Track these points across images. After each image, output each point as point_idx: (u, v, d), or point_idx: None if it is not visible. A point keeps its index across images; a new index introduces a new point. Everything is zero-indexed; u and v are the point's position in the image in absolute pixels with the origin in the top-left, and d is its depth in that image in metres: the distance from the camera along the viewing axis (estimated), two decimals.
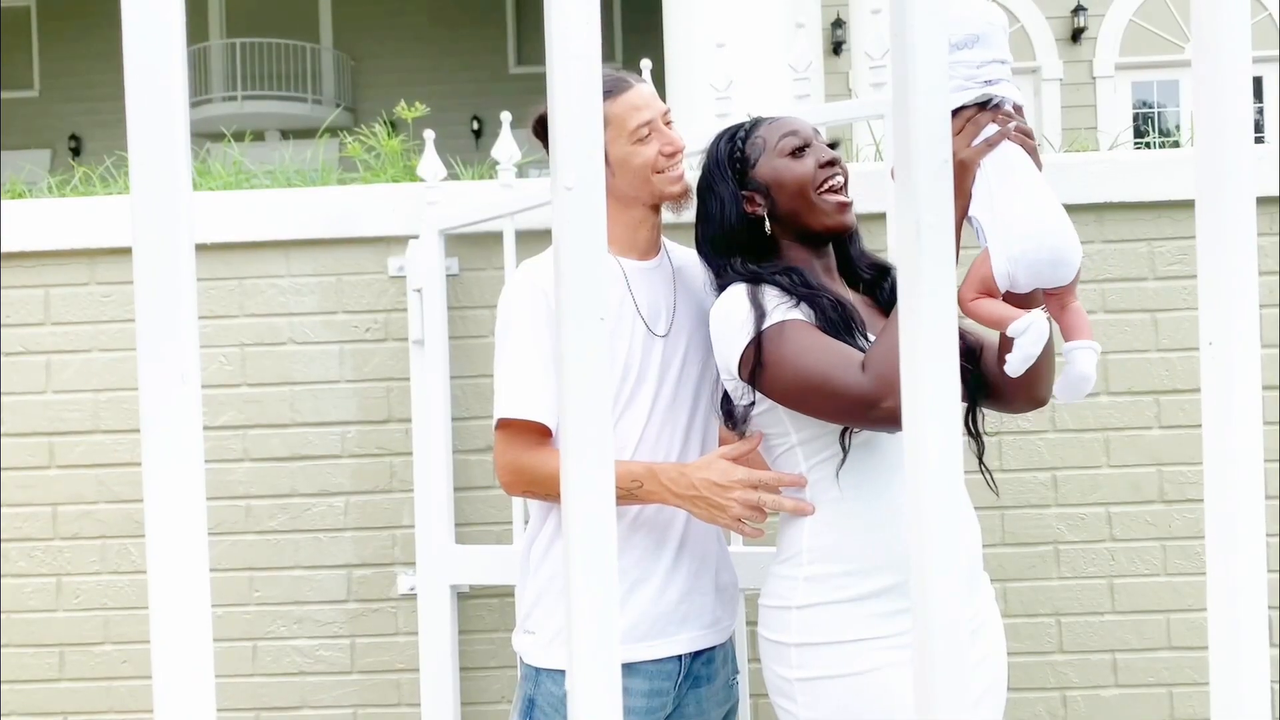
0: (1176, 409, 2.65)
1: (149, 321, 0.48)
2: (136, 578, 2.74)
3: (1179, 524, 2.65)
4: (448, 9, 12.81)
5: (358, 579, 2.73)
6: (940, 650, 0.56)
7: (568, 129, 0.54)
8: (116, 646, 2.74)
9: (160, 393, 0.49)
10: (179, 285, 0.49)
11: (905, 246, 0.58)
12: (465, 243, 2.70)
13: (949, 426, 0.57)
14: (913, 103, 0.57)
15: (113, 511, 2.74)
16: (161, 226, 0.48)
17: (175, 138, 0.49)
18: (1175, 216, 2.65)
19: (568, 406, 0.54)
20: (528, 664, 1.83)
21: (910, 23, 0.57)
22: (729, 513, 1.65)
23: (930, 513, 0.57)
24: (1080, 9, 10.17)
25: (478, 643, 2.70)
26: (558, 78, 0.54)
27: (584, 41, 0.54)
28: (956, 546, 0.56)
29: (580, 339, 0.53)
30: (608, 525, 0.55)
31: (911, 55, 0.57)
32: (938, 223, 0.58)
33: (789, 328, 1.62)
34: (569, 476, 0.54)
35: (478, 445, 2.71)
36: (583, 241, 0.53)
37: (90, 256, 2.76)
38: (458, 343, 2.70)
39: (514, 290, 1.79)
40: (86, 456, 2.75)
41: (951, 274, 0.58)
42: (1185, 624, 2.64)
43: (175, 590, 0.51)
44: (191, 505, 0.50)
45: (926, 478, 0.57)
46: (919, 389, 0.57)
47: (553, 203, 0.55)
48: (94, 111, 12.50)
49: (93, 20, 12.55)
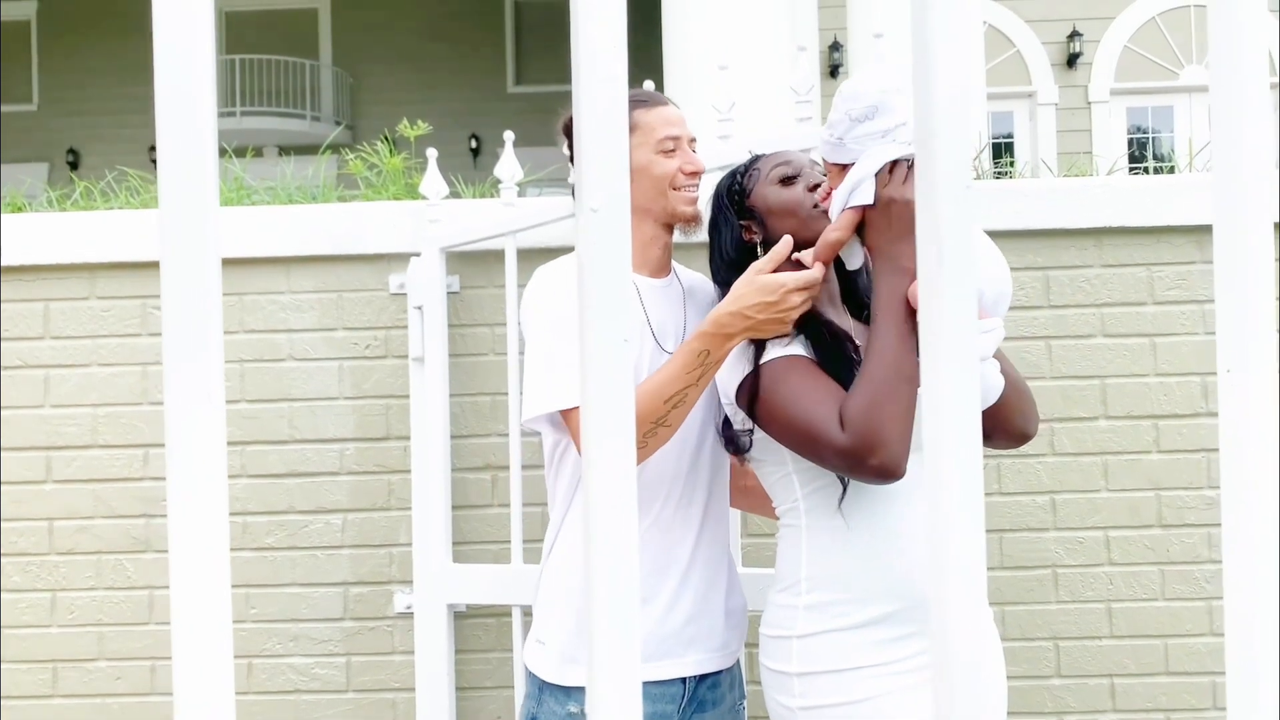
0: (1175, 433, 2.65)
1: (175, 339, 0.48)
2: (132, 594, 2.73)
3: (1177, 549, 2.65)
4: (447, 28, 12.87)
5: (354, 597, 2.72)
6: (960, 684, 0.56)
7: (594, 150, 0.54)
8: (111, 663, 2.73)
9: (186, 410, 0.48)
10: (206, 304, 0.49)
11: (927, 273, 0.58)
12: (466, 260, 2.70)
13: (971, 455, 0.57)
14: (935, 127, 0.58)
15: (109, 527, 2.73)
16: (190, 244, 0.48)
17: (204, 155, 0.49)
18: (1174, 242, 2.66)
19: (590, 427, 0.54)
20: (533, 674, 1.82)
21: (931, 48, 0.57)
22: (791, 319, 1.62)
23: (952, 553, 0.56)
24: (1076, 34, 10.24)
25: (474, 662, 2.69)
26: (584, 100, 0.55)
27: (611, 64, 0.54)
28: (981, 589, 0.56)
29: (604, 360, 0.53)
30: (630, 544, 0.55)
31: (933, 79, 0.57)
32: (960, 250, 0.58)
33: (784, 366, 1.63)
34: (592, 495, 0.54)
35: (476, 464, 2.70)
36: (607, 262, 0.53)
37: (90, 271, 2.76)
38: (457, 360, 2.70)
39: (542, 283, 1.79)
40: (83, 471, 2.74)
41: (974, 302, 0.58)
42: (1183, 649, 2.64)
43: (198, 607, 0.50)
44: (214, 523, 0.50)
45: (949, 511, 0.57)
46: (941, 418, 0.57)
47: (577, 223, 0.55)
48: (92, 126, 12.51)
49: (91, 35, 12.58)
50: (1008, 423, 1.69)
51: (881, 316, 1.56)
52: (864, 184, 1.59)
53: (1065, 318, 2.66)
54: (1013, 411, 1.67)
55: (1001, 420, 1.68)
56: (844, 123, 1.62)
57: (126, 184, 3.13)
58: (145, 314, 2.75)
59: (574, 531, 1.80)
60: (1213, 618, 2.64)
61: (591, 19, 0.54)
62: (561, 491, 1.83)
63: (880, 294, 1.58)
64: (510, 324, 2.54)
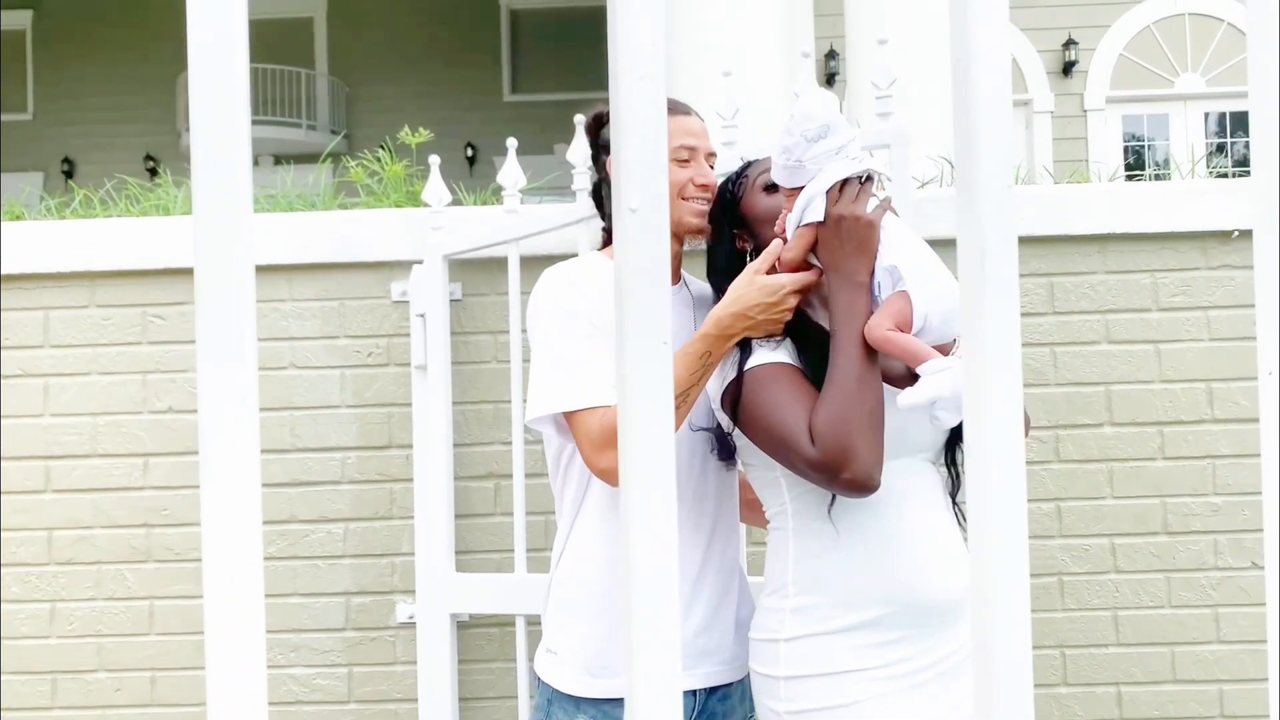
0: (1180, 440, 2.64)
1: (210, 345, 0.47)
2: (132, 604, 2.71)
3: (1183, 556, 2.64)
4: (443, 37, 12.87)
5: (356, 607, 2.70)
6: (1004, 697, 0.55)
7: (633, 151, 0.53)
8: (110, 674, 2.70)
9: (220, 416, 0.47)
10: (240, 310, 0.48)
11: (969, 274, 0.57)
12: (469, 268, 2.69)
13: (1013, 455, 0.56)
14: (976, 125, 0.56)
15: (109, 537, 2.71)
16: (224, 251, 0.47)
17: (238, 158, 0.48)
18: (1178, 248, 2.66)
19: (629, 433, 0.53)
20: (544, 683, 1.80)
21: (972, 49, 0.56)
22: (788, 316, 1.65)
23: (995, 565, 0.55)
24: (1071, 43, 10.26)
25: (477, 673, 2.67)
26: (623, 99, 0.53)
27: (649, 62, 0.53)
28: (1025, 591, 0.55)
29: (643, 364, 0.52)
30: (669, 552, 0.54)
31: (973, 81, 0.56)
32: (1003, 249, 0.57)
33: (766, 375, 1.63)
34: (629, 503, 0.53)
35: (479, 472, 2.69)
36: (647, 264, 0.52)
37: (90, 279, 2.74)
38: (460, 368, 2.68)
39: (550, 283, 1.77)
40: (83, 481, 2.72)
41: (1016, 302, 0.57)
42: (1191, 657, 2.63)
43: (233, 616, 0.49)
44: (248, 528, 0.48)
45: (990, 515, 0.56)
46: (983, 418, 0.56)
47: (615, 225, 0.54)
48: (87, 135, 12.49)
49: (86, 44, 12.57)
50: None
51: (841, 331, 1.59)
52: (815, 201, 1.62)
53: (1070, 324, 2.66)
54: None
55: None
56: (800, 144, 1.65)
57: (126, 192, 3.11)
58: (146, 322, 2.74)
59: (583, 539, 1.78)
60: (1219, 625, 2.63)
61: (630, 17, 0.53)
62: (569, 498, 1.82)
63: (838, 309, 1.60)
64: (514, 331, 2.53)
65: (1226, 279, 2.65)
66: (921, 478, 1.67)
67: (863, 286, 1.59)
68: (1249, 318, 2.64)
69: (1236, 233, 2.64)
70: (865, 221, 1.60)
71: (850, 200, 1.61)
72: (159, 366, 2.73)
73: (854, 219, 1.59)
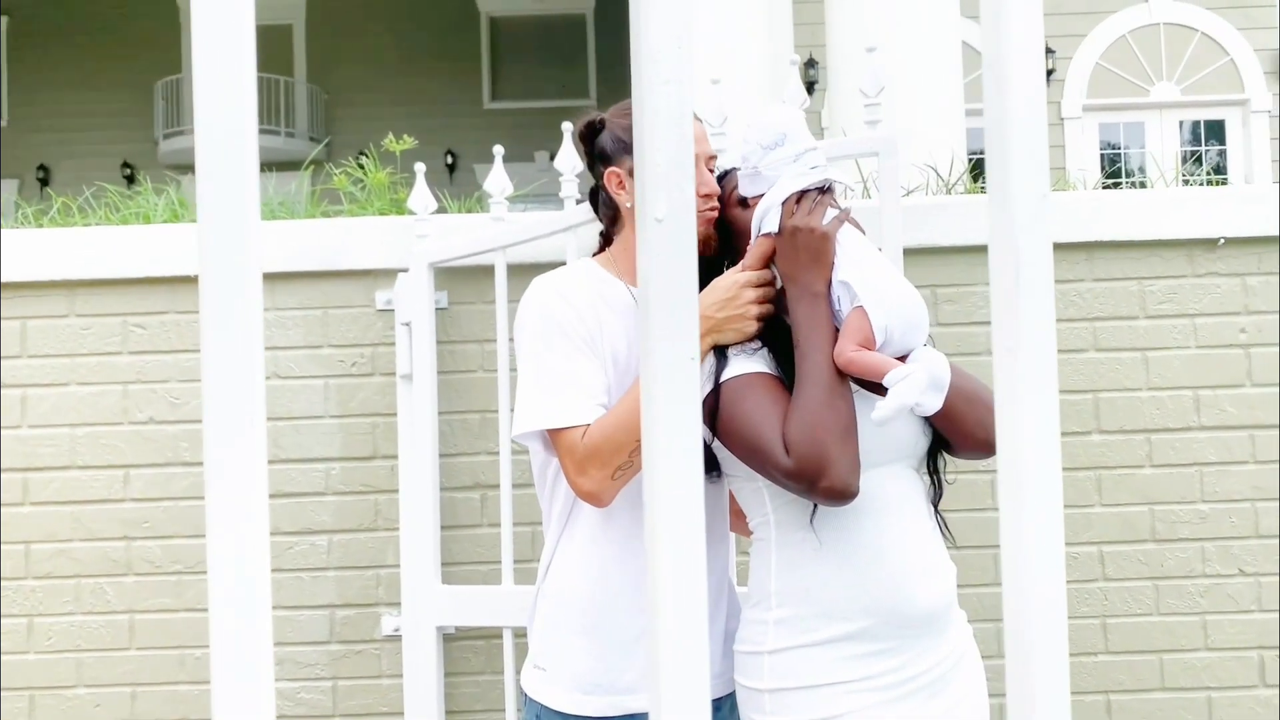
0: (1168, 448, 2.65)
1: (216, 369, 0.45)
2: (111, 619, 2.66)
3: (1171, 563, 2.64)
4: (422, 45, 12.83)
5: (340, 620, 2.67)
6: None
7: (658, 157, 0.51)
8: (89, 690, 2.66)
9: (227, 440, 0.45)
10: (248, 328, 0.45)
11: (1002, 285, 0.55)
12: (455, 276, 2.66)
13: (1050, 467, 0.54)
14: (1008, 134, 0.55)
15: (88, 550, 2.67)
16: (230, 263, 0.45)
17: (245, 169, 0.46)
18: (1165, 255, 2.66)
19: (653, 452, 0.51)
20: (533, 699, 1.77)
21: (1005, 54, 0.55)
22: (751, 314, 1.65)
23: (1032, 583, 0.54)
24: (1049, 51, 10.33)
25: (464, 685, 2.64)
26: (646, 103, 0.52)
27: (674, 65, 0.51)
28: (1062, 612, 0.53)
29: (669, 381, 0.50)
30: (698, 565, 0.52)
31: (1006, 86, 0.54)
32: (1038, 260, 0.55)
33: (742, 385, 1.63)
34: (654, 521, 0.51)
35: (466, 482, 2.66)
36: (673, 277, 0.50)
37: (69, 288, 2.70)
38: (446, 377, 2.66)
39: (539, 294, 1.74)
40: (61, 493, 2.67)
41: (1051, 313, 0.56)
42: (1180, 664, 2.62)
43: (240, 648, 0.47)
44: (256, 555, 0.46)
45: (1027, 527, 0.54)
46: (1019, 435, 0.54)
47: (639, 236, 0.52)
48: (64, 142, 12.38)
49: (62, 50, 12.47)
50: (968, 434, 1.68)
51: (805, 341, 1.59)
52: (770, 213, 1.64)
53: (1057, 332, 2.65)
54: (969, 423, 1.65)
55: (961, 432, 1.67)
56: (756, 152, 1.67)
57: (106, 199, 3.07)
58: (126, 332, 2.70)
59: (572, 554, 1.76)
60: (1207, 632, 2.63)
61: (653, 16, 0.51)
62: (557, 512, 1.79)
63: (800, 320, 1.61)
64: (500, 340, 2.51)
65: (1213, 286, 2.66)
66: (903, 486, 1.66)
67: (820, 297, 1.61)
68: (1235, 325, 2.65)
69: (1223, 240, 2.65)
70: (819, 234, 1.61)
71: (805, 213, 1.63)
72: (139, 377, 2.69)
73: (808, 231, 1.61)
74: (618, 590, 1.71)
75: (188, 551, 2.67)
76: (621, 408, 1.64)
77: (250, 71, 0.47)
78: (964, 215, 2.66)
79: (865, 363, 1.55)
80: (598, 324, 1.70)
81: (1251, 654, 2.63)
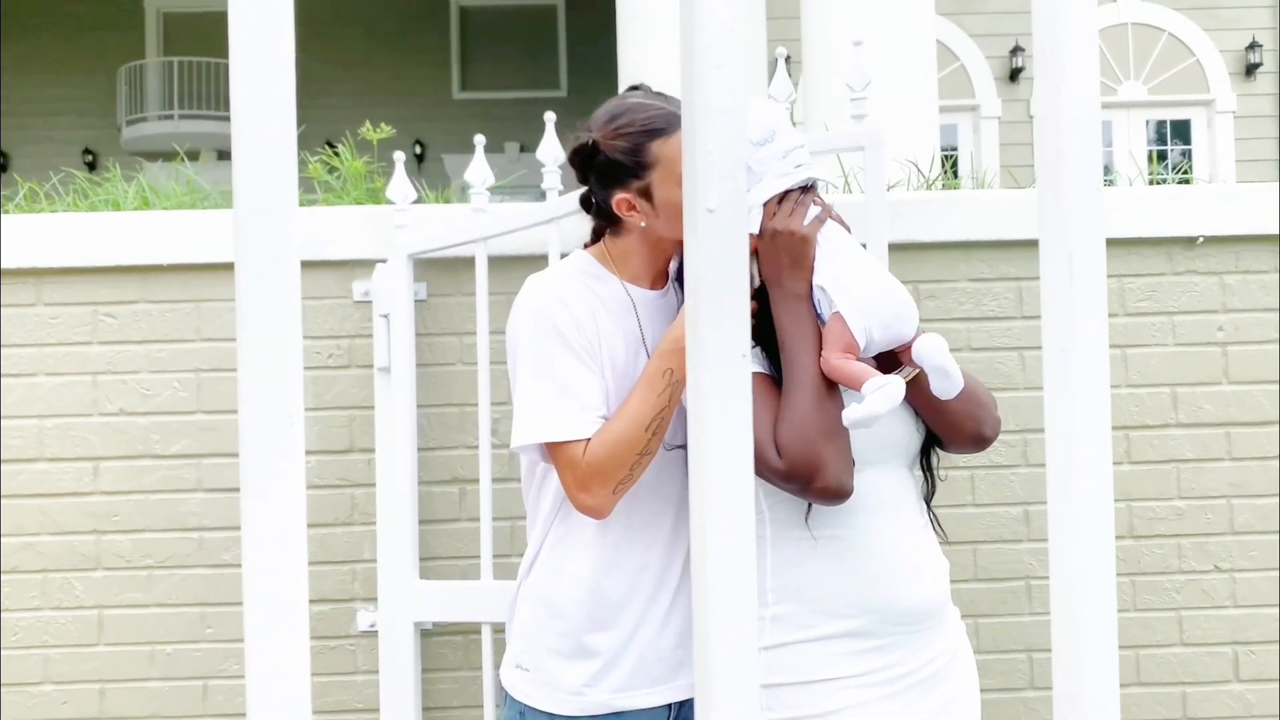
0: (1146, 445, 2.66)
1: (253, 363, 0.42)
2: (80, 614, 2.61)
3: (1148, 559, 2.65)
4: (390, 33, 12.71)
5: (315, 615, 2.63)
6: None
7: (710, 145, 0.49)
8: (56, 687, 2.60)
9: (263, 437, 0.43)
10: (285, 323, 0.43)
11: (1054, 278, 0.54)
12: (434, 268, 2.63)
13: (1103, 467, 0.53)
14: (1063, 129, 0.53)
15: (56, 544, 2.61)
16: (269, 247, 0.42)
17: (284, 154, 0.43)
18: (1144, 254, 2.67)
19: (705, 448, 0.49)
20: (515, 699, 1.75)
21: (1062, 51, 0.53)
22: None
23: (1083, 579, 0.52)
24: (1018, 49, 10.39)
25: (441, 682, 2.61)
26: (698, 90, 0.49)
27: (726, 49, 0.49)
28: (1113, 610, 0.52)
29: (721, 377, 0.48)
30: (748, 564, 0.50)
31: (1062, 83, 0.53)
32: (1091, 253, 0.54)
33: None
34: (705, 520, 0.49)
35: (443, 477, 2.63)
36: (725, 269, 0.48)
37: (37, 276, 2.64)
38: (424, 370, 2.62)
39: (535, 296, 1.69)
40: (29, 486, 2.61)
41: (1104, 306, 0.54)
42: (1154, 660, 2.64)
43: (275, 647, 0.44)
44: (293, 550, 0.44)
45: (1078, 524, 0.52)
46: (1072, 433, 0.52)
47: (689, 226, 0.50)
48: (22, 128, 12.15)
49: (21, 35, 12.23)
50: (960, 429, 1.68)
51: (792, 344, 1.59)
52: (752, 213, 1.63)
53: (1038, 329, 2.65)
54: (961, 418, 1.66)
55: (954, 427, 1.67)
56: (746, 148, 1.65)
57: (74, 186, 3.00)
58: (96, 321, 2.64)
59: (559, 555, 1.73)
60: (1183, 628, 2.65)
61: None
62: (544, 512, 1.76)
63: (783, 322, 1.61)
64: (480, 334, 2.48)
65: (1191, 284, 2.67)
66: (897, 483, 1.66)
67: (803, 299, 1.61)
68: (1214, 323, 2.67)
69: (1201, 239, 2.66)
70: (800, 237, 1.60)
71: (786, 215, 1.62)
72: (110, 367, 2.63)
73: (788, 234, 1.60)
74: (609, 596, 1.69)
75: (158, 546, 2.62)
76: (621, 421, 1.61)
77: (289, 60, 0.45)
78: (945, 211, 2.66)
79: (846, 371, 1.55)
80: (595, 330, 1.67)
81: (1226, 649, 2.65)
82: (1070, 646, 0.52)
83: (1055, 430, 0.53)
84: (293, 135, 0.43)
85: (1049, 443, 0.54)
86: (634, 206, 1.68)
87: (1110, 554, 0.52)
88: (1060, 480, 0.52)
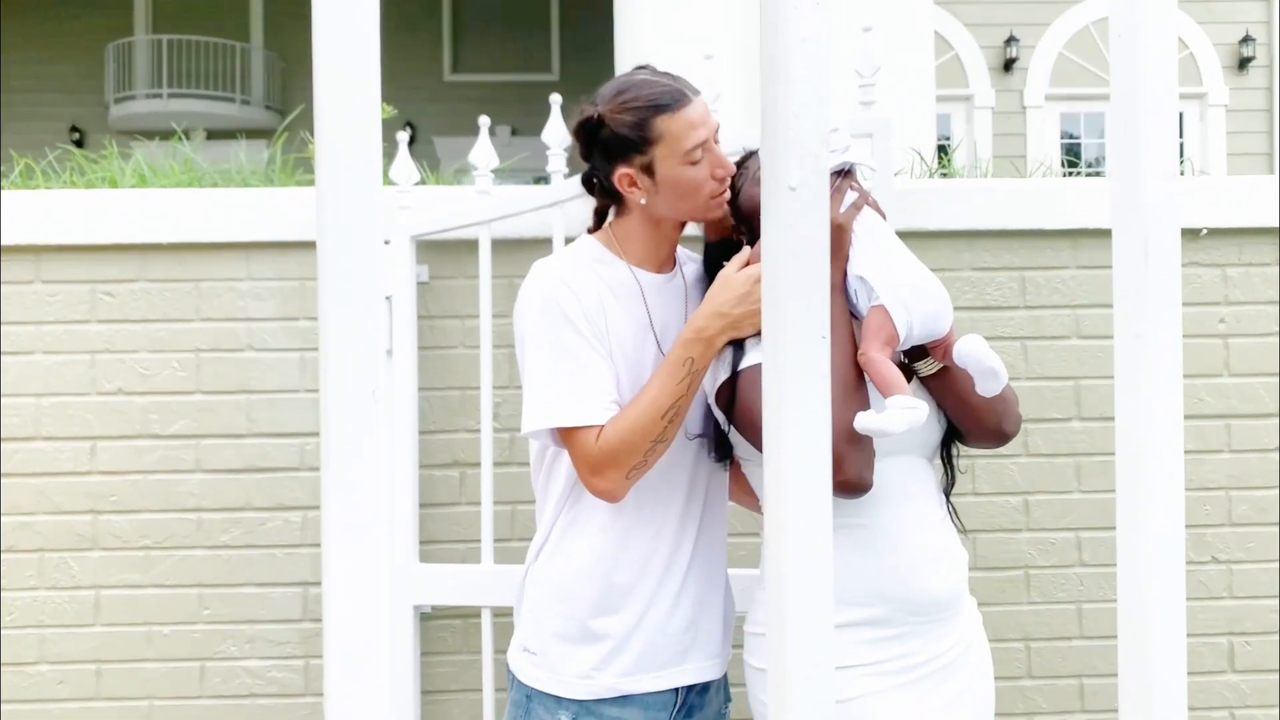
0: None
1: (336, 339, 0.41)
2: (76, 594, 2.59)
3: None
4: (383, 14, 12.59)
5: (314, 597, 2.62)
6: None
7: (793, 122, 0.48)
8: (53, 667, 2.59)
9: (346, 414, 0.41)
10: (368, 299, 0.42)
11: (1129, 266, 0.53)
12: (436, 250, 2.61)
13: (1176, 455, 0.52)
14: (1141, 109, 0.52)
15: (52, 523, 2.59)
16: (353, 232, 0.41)
17: (369, 135, 0.42)
18: None
19: (784, 430, 0.49)
20: (522, 682, 1.75)
21: (1142, 35, 0.52)
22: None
23: (1153, 564, 0.51)
24: (1012, 39, 10.38)
25: (440, 665, 2.60)
26: (779, 63, 0.48)
27: (813, 22, 0.48)
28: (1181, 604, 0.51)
29: (802, 358, 0.47)
30: (824, 545, 0.49)
31: (1140, 66, 0.52)
32: (1167, 241, 0.53)
33: (758, 375, 1.60)
34: (781, 504, 0.48)
35: (445, 460, 2.61)
36: (807, 248, 0.47)
37: (35, 253, 2.61)
38: (426, 353, 2.61)
39: (544, 281, 1.68)
40: (25, 465, 2.59)
41: (1178, 295, 0.53)
42: None
43: (352, 620, 0.43)
44: (370, 525, 0.43)
45: (1153, 511, 0.52)
46: (1147, 421, 0.52)
47: (767, 203, 0.49)
48: (9, 104, 12.02)
49: (6, 11, 12.10)
50: (981, 424, 1.68)
51: None
52: None
53: (1040, 318, 2.66)
54: (982, 412, 1.66)
55: (975, 421, 1.67)
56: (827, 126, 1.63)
57: (71, 163, 2.97)
58: (95, 299, 2.61)
59: (571, 539, 1.72)
60: None
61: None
62: (555, 496, 1.75)
63: None
64: (483, 316, 2.46)
65: (1194, 276, 2.67)
66: (916, 474, 1.66)
67: (836, 289, 1.57)
68: (1215, 315, 2.67)
69: (1205, 231, 2.66)
70: (835, 225, 1.58)
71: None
72: (108, 346, 2.61)
73: None
74: (617, 581, 1.69)
75: (156, 526, 2.60)
76: (638, 408, 1.61)
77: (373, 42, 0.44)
78: (949, 199, 2.65)
79: (881, 371, 1.52)
80: (604, 316, 1.66)
81: (1222, 640, 2.67)
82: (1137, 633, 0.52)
83: (1125, 417, 0.52)
84: (377, 116, 0.42)
85: (1119, 431, 0.53)
86: (635, 182, 1.67)
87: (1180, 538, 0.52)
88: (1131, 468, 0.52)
